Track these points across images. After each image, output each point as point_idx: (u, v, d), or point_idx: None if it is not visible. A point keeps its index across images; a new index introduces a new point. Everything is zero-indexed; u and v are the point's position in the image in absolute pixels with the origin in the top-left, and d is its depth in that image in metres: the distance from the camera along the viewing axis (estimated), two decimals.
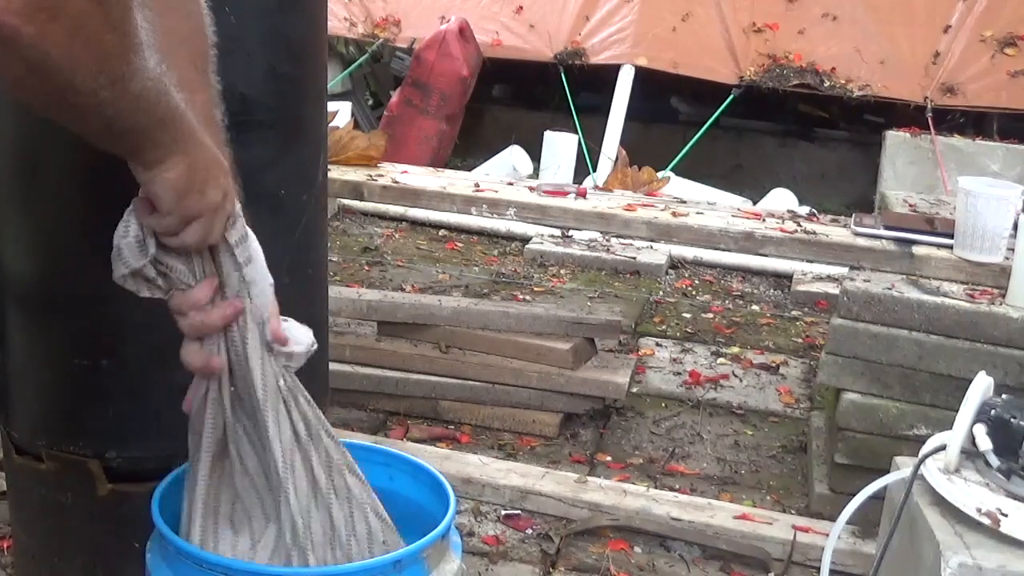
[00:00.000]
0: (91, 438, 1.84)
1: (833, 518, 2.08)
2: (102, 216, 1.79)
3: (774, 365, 3.89)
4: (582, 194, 3.32)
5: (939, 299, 2.59)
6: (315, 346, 1.41)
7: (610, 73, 6.23)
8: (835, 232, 3.01)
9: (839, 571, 2.43)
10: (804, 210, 3.53)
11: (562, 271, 4.88)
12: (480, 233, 5.37)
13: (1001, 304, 2.58)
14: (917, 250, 2.80)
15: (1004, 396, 1.79)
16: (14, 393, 1.92)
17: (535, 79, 6.89)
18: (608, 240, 5.14)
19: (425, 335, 3.32)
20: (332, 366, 2.14)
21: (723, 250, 3.76)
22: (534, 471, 2.87)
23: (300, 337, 1.39)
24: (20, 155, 1.78)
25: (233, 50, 1.72)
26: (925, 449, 1.80)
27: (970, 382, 1.78)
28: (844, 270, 2.98)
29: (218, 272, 1.31)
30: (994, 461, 1.71)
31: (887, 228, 2.92)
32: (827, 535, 2.07)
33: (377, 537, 1.50)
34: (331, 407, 2.20)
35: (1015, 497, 1.67)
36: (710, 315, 4.44)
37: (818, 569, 2.22)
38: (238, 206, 1.29)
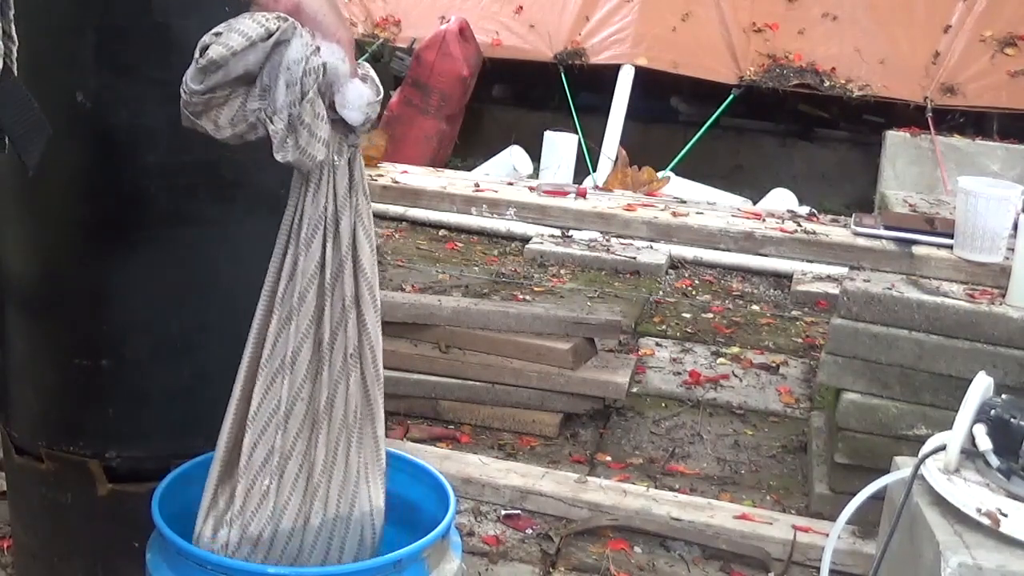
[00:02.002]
0: (91, 438, 1.84)
1: (833, 518, 2.08)
2: (102, 216, 1.79)
3: (774, 365, 3.89)
4: (582, 194, 3.32)
5: (939, 299, 2.59)
6: (374, 103, 1.43)
7: (610, 73, 6.23)
8: (835, 232, 3.01)
9: (839, 571, 2.43)
10: (804, 210, 3.53)
11: (562, 271, 4.88)
12: (480, 233, 5.37)
13: (1001, 304, 2.58)
14: (917, 250, 2.80)
15: (1004, 396, 1.79)
16: (14, 393, 1.92)
17: (535, 79, 6.89)
18: (608, 240, 5.14)
19: (425, 335, 3.32)
20: None
21: (723, 250, 3.76)
22: (534, 471, 2.87)
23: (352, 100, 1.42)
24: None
25: None
26: (925, 449, 1.80)
27: (970, 382, 1.78)
28: (844, 270, 2.98)
29: None
30: (994, 461, 1.71)
31: (887, 228, 2.92)
32: (827, 535, 2.07)
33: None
34: None
35: (1015, 497, 1.67)
36: (710, 315, 4.44)
37: (818, 569, 2.22)
38: None
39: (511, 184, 3.59)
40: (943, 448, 1.77)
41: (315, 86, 1.37)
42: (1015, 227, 2.64)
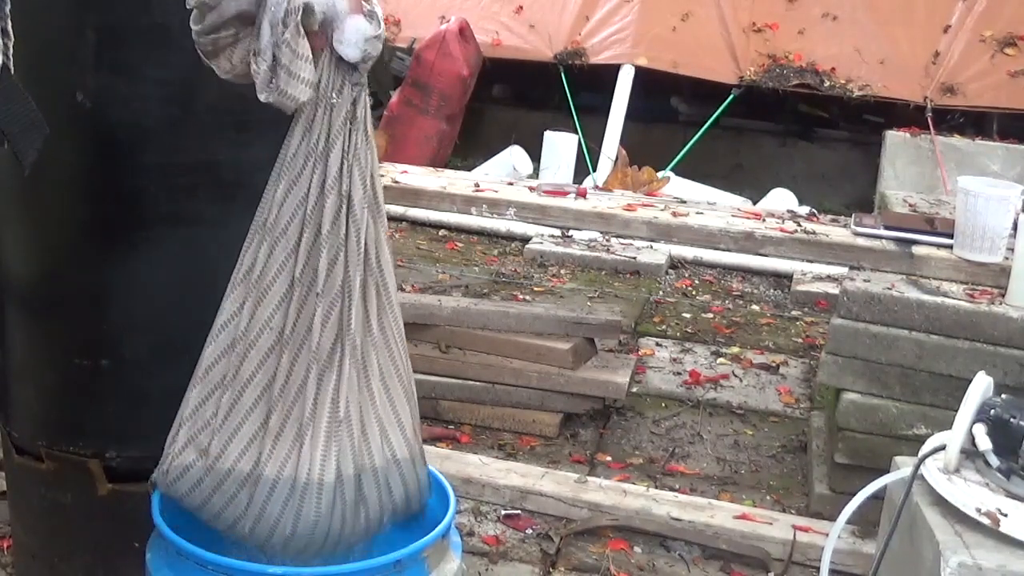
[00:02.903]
0: (91, 438, 1.84)
1: (833, 518, 2.08)
2: (102, 216, 1.79)
3: (774, 365, 3.89)
4: (582, 194, 3.32)
5: (939, 299, 2.59)
6: (373, 39, 1.43)
7: (610, 73, 6.23)
8: (835, 232, 3.01)
9: (839, 571, 2.43)
10: (804, 210, 3.53)
11: (562, 271, 4.88)
12: (480, 233, 5.37)
13: (1001, 304, 2.58)
14: (917, 250, 2.80)
15: (1004, 396, 1.79)
16: (14, 393, 1.92)
17: (535, 79, 6.88)
18: (608, 240, 5.14)
19: (425, 335, 3.32)
20: None
21: (723, 250, 3.76)
22: (534, 471, 2.87)
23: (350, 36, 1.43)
24: None
25: None
26: (925, 449, 1.80)
27: (970, 382, 1.78)
28: (844, 270, 2.98)
29: None
30: (994, 461, 1.71)
31: (887, 228, 2.92)
32: (827, 535, 2.07)
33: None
34: None
35: (1015, 497, 1.67)
36: (710, 315, 4.44)
37: (818, 569, 2.22)
38: None
39: (511, 184, 3.59)
40: (943, 448, 1.77)
41: (294, 25, 1.37)
42: (1015, 227, 2.64)
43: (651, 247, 5.03)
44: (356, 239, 1.47)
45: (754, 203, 5.54)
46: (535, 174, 6.09)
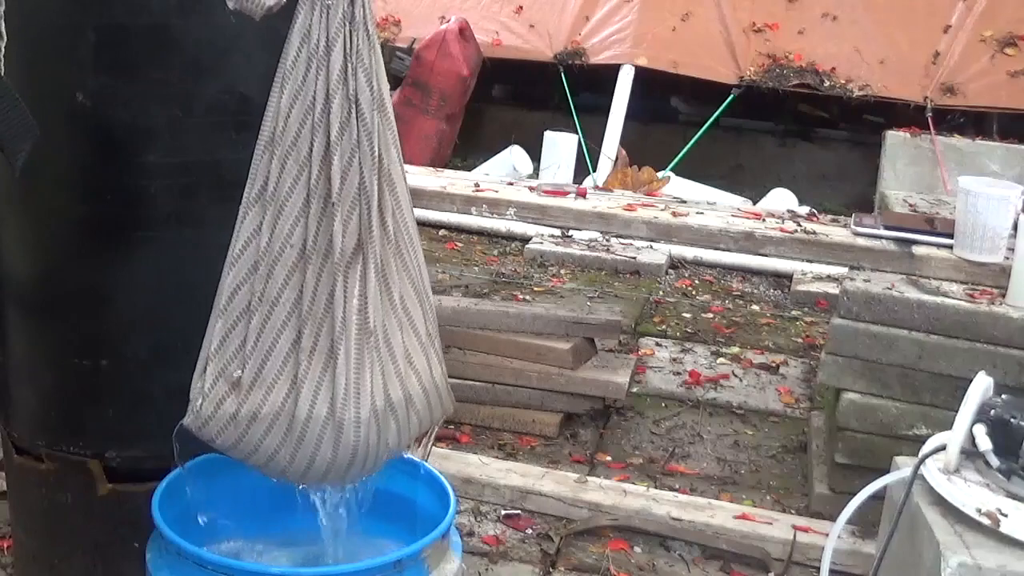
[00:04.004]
0: (91, 438, 1.84)
1: (833, 518, 2.08)
2: (102, 216, 1.79)
3: (774, 365, 3.89)
4: (582, 194, 3.32)
5: (939, 299, 2.59)
6: None
7: (610, 73, 6.23)
8: (835, 232, 3.01)
9: (839, 571, 2.43)
10: (804, 210, 3.53)
11: (562, 271, 4.88)
12: (480, 233, 5.37)
13: (1001, 304, 2.58)
14: (917, 250, 2.80)
15: (1004, 396, 1.79)
16: (14, 393, 1.92)
17: (535, 79, 6.88)
18: (608, 240, 5.14)
19: None
20: None
21: (723, 250, 3.76)
22: (534, 471, 2.87)
23: None
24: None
25: (233, 50, 1.72)
26: (925, 449, 1.80)
27: (970, 382, 1.78)
28: (844, 270, 2.98)
29: None
30: (994, 461, 1.71)
31: (887, 228, 2.92)
32: (827, 535, 2.07)
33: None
34: None
35: (1015, 497, 1.67)
36: (710, 315, 4.44)
37: (818, 569, 2.22)
38: None
39: (511, 184, 3.59)
40: (943, 448, 1.77)
41: None
42: (1015, 227, 2.64)
43: (651, 247, 5.03)
44: (368, 142, 1.43)
45: (754, 203, 5.54)
46: (535, 174, 6.09)
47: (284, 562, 1.65)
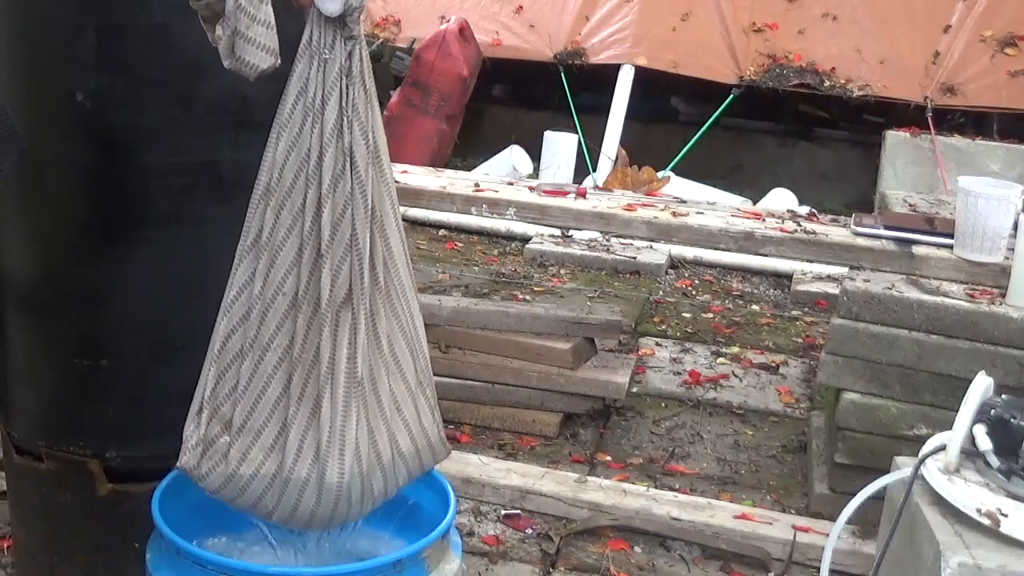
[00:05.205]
0: (91, 438, 1.84)
1: (833, 518, 2.08)
2: (102, 216, 1.79)
3: (774, 365, 3.89)
4: (582, 194, 3.32)
5: (939, 299, 2.59)
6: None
7: (610, 73, 6.23)
8: (835, 232, 3.01)
9: (839, 571, 2.43)
10: (804, 210, 3.53)
11: (562, 271, 4.88)
12: (480, 233, 5.37)
13: (1001, 304, 2.58)
14: (917, 250, 2.80)
15: (1004, 396, 1.79)
16: (14, 393, 1.92)
17: (535, 79, 6.88)
18: (608, 240, 5.14)
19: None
20: None
21: (723, 250, 3.76)
22: (534, 471, 2.87)
23: None
24: (20, 157, 1.78)
25: None
26: (925, 449, 1.80)
27: (970, 382, 1.78)
28: (844, 270, 2.98)
29: None
30: (994, 461, 1.71)
31: (887, 228, 2.92)
32: (827, 535, 2.07)
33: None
34: None
35: (1015, 497, 1.67)
36: (710, 315, 4.44)
37: (818, 569, 2.22)
38: None
39: (511, 184, 3.59)
40: (943, 448, 1.77)
41: None
42: (1015, 227, 2.64)
43: (651, 247, 5.03)
44: (362, 195, 1.44)
45: (754, 203, 5.53)
46: (535, 174, 6.09)
47: (290, 561, 1.64)
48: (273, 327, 1.46)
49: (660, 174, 5.54)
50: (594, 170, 5.88)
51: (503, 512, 2.74)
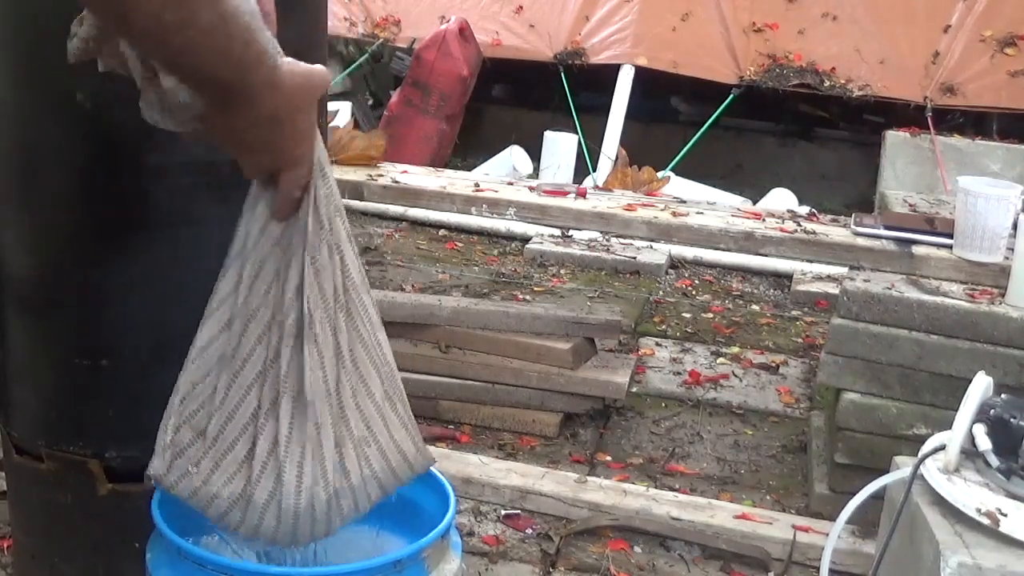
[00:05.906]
0: (91, 438, 1.84)
1: (833, 518, 2.08)
2: (102, 216, 1.79)
3: (774, 365, 3.89)
4: (582, 194, 3.32)
5: (939, 299, 2.59)
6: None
7: (610, 73, 6.23)
8: (835, 232, 3.01)
9: (839, 571, 2.43)
10: (804, 210, 3.53)
11: (562, 271, 4.88)
12: (480, 233, 5.37)
13: (1001, 304, 2.58)
14: (917, 250, 2.80)
15: (1004, 396, 1.80)
16: (14, 393, 1.92)
17: (535, 79, 6.89)
18: (608, 240, 5.14)
19: (425, 335, 3.32)
20: None
21: (723, 250, 3.76)
22: (534, 471, 2.87)
23: None
24: (20, 156, 1.78)
25: None
26: (925, 449, 1.80)
27: (970, 382, 1.78)
28: (844, 270, 2.98)
29: None
30: (994, 461, 1.71)
31: (887, 228, 2.92)
32: (827, 535, 2.07)
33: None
34: None
35: (1015, 497, 1.67)
36: (710, 315, 4.44)
37: (818, 569, 2.22)
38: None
39: (511, 184, 3.59)
40: (943, 448, 1.77)
41: None
42: (1015, 227, 2.64)
43: (651, 247, 5.03)
44: (317, 351, 1.41)
45: (754, 203, 5.54)
46: (535, 174, 6.09)
47: (288, 561, 1.64)
48: (255, 338, 1.45)
49: (660, 174, 5.54)
50: (594, 170, 5.88)
51: (503, 512, 2.74)
